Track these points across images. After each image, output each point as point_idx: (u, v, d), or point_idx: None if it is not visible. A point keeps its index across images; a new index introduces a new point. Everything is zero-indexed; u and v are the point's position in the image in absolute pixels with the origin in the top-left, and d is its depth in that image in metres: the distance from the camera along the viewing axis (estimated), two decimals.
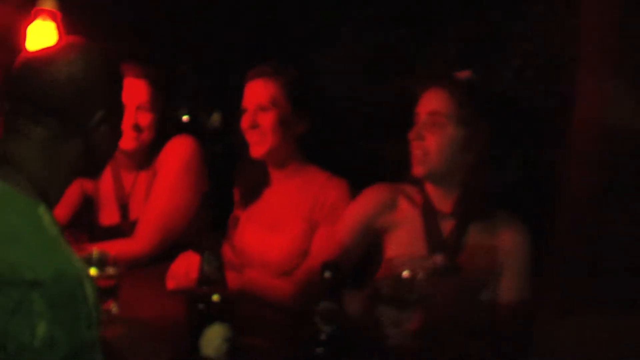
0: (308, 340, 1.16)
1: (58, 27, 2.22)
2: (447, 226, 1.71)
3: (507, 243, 1.68)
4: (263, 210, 2.10)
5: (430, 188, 1.75)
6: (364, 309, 1.48)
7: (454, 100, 1.67)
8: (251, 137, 2.00)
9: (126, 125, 2.16)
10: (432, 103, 1.69)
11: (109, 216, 2.36)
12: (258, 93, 2.00)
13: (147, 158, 2.29)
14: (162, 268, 1.90)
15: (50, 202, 1.08)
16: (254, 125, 1.98)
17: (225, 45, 3.76)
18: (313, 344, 1.15)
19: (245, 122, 2.00)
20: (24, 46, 2.23)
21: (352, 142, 2.88)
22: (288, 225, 2.02)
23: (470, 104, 1.67)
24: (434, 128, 1.66)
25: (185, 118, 5.12)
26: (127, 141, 2.19)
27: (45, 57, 1.14)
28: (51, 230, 0.99)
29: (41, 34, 2.20)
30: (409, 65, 2.79)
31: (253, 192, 2.13)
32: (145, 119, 2.22)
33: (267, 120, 1.97)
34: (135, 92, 2.20)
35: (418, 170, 1.69)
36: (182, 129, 2.49)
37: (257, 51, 2.29)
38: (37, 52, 1.17)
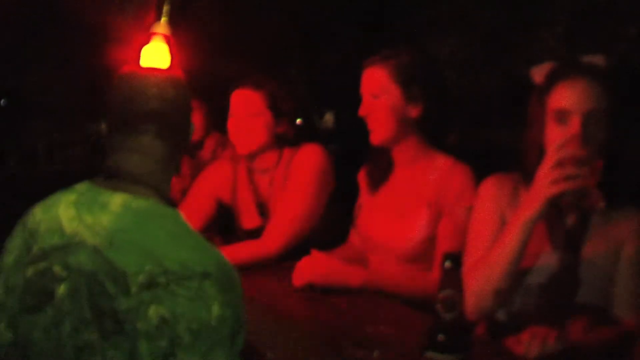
0: (430, 327, 1.20)
1: (171, 49, 2.39)
2: (570, 218, 1.63)
3: (626, 236, 1.58)
4: (389, 196, 2.13)
5: None
6: None
7: (609, 91, 1.52)
8: (368, 125, 2.05)
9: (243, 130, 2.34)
10: (586, 100, 1.51)
11: (250, 220, 2.49)
12: (369, 81, 2.04)
13: (277, 161, 2.42)
14: (287, 266, 2.00)
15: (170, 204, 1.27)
16: (368, 113, 2.03)
17: (334, 45, 3.85)
18: (435, 331, 1.19)
19: (361, 110, 2.05)
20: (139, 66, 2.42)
21: (466, 130, 2.87)
22: (414, 211, 2.04)
23: (618, 93, 1.53)
24: (593, 128, 1.51)
25: (298, 121, 5.27)
26: (245, 146, 2.35)
27: (162, 80, 1.30)
28: (196, 232, 1.18)
29: (155, 56, 2.38)
30: (520, 47, 2.75)
31: (380, 179, 2.17)
32: (260, 124, 2.35)
33: (379, 106, 2.01)
34: (250, 102, 2.34)
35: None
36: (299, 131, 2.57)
37: (367, 47, 2.34)
38: (144, 73, 1.32)
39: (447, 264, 1.20)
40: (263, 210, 2.46)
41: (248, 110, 2.35)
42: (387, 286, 1.93)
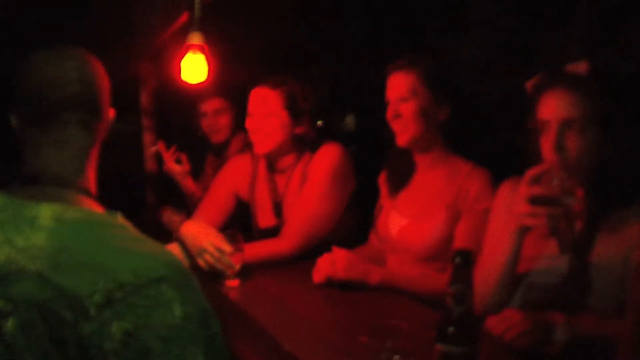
0: (440, 320, 1.25)
1: (207, 58, 2.46)
2: (577, 223, 1.63)
3: (636, 238, 1.57)
4: (408, 198, 2.19)
5: None
6: None
7: (586, 100, 1.55)
8: (395, 127, 2.09)
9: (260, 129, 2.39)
10: (562, 109, 1.57)
11: (266, 219, 2.55)
12: (398, 85, 2.08)
13: (296, 161, 2.47)
14: (307, 264, 2.06)
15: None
16: (397, 116, 2.07)
17: (355, 48, 3.89)
18: (445, 324, 1.24)
19: (389, 113, 2.09)
20: (180, 78, 2.49)
21: (486, 132, 2.90)
22: (432, 212, 2.09)
23: (605, 99, 1.55)
24: (572, 136, 1.55)
25: (319, 123, 5.31)
26: (263, 145, 2.40)
27: (80, 61, 1.18)
28: (137, 232, 1.11)
29: (193, 66, 2.46)
30: (537, 52, 2.77)
31: (400, 181, 2.22)
32: (276, 124, 2.38)
33: (408, 109, 2.06)
34: (267, 101, 2.38)
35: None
36: (319, 133, 2.62)
37: (387, 52, 2.38)
38: (59, 55, 1.18)
39: (457, 259, 1.24)
40: (279, 210, 2.50)
41: (265, 110, 2.38)
42: (403, 285, 1.98)
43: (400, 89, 2.07)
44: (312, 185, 2.35)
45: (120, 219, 1.12)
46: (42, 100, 1.13)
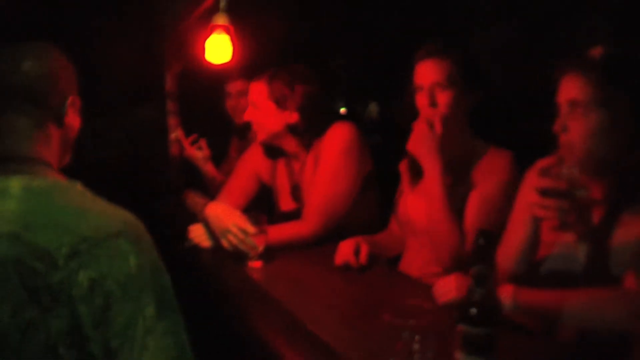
0: (463, 301, 1.25)
1: (231, 38, 2.49)
2: (597, 213, 1.59)
3: None
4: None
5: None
6: None
7: (592, 84, 1.52)
8: (428, 114, 2.03)
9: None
10: (570, 91, 1.55)
11: (286, 202, 2.59)
12: (434, 71, 2.02)
13: (305, 148, 2.50)
14: (329, 248, 2.08)
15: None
16: (433, 104, 2.01)
17: (378, 37, 3.89)
18: (467, 305, 1.24)
19: (422, 100, 2.03)
20: (204, 58, 2.52)
21: (510, 121, 2.89)
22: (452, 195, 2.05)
23: (611, 84, 1.53)
24: (576, 117, 1.54)
25: (342, 110, 5.32)
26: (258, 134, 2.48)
27: (17, 56, 1.32)
28: (98, 197, 1.25)
29: (218, 46, 2.49)
30: (563, 41, 2.75)
31: (420, 170, 2.15)
32: (262, 114, 2.44)
33: (445, 97, 2.00)
34: (255, 93, 2.45)
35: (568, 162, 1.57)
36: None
37: (410, 39, 2.37)
38: (14, 54, 1.33)
39: (480, 240, 1.23)
40: (296, 193, 2.54)
41: (254, 101, 2.45)
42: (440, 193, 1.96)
43: (437, 76, 2.01)
44: (325, 165, 2.37)
45: (79, 186, 1.27)
46: None
